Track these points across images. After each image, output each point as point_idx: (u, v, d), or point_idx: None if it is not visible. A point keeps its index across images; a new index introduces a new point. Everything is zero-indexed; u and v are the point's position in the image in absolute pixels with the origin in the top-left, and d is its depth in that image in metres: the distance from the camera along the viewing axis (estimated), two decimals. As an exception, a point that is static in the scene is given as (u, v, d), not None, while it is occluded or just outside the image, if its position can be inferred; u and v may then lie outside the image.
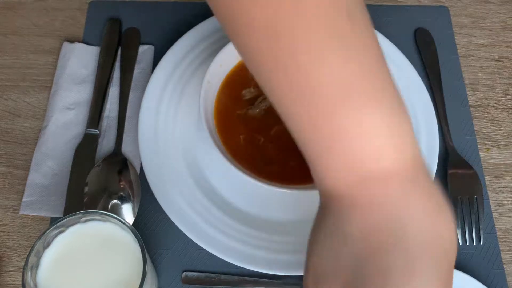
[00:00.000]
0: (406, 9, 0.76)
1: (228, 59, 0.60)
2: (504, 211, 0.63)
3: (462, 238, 0.60)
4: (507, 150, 0.66)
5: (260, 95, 0.60)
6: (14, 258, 0.58)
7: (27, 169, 0.62)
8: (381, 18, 0.74)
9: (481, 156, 0.65)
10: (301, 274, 0.55)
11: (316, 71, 0.32)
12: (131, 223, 0.58)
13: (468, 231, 0.60)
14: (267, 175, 0.55)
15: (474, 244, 0.60)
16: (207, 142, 0.54)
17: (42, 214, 0.60)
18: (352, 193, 0.33)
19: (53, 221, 0.59)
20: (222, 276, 0.57)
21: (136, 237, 0.46)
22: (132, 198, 0.59)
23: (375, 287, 0.31)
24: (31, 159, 0.62)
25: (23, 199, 0.60)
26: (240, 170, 0.53)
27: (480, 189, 0.61)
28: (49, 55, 0.70)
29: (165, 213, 0.57)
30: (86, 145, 0.63)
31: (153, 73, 0.65)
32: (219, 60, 0.58)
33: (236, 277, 0.57)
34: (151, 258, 0.57)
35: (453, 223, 0.35)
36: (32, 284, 0.45)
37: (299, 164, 0.56)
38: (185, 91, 0.65)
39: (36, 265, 0.46)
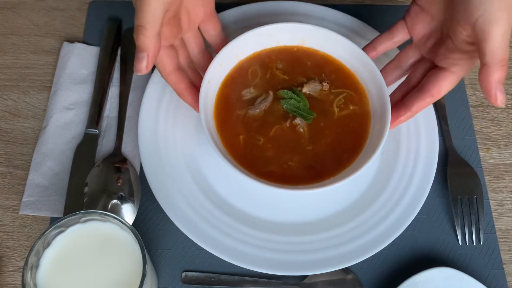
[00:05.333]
0: (406, 9, 0.76)
1: (228, 59, 0.60)
2: (504, 211, 0.63)
3: (462, 238, 0.60)
4: (507, 150, 0.66)
5: (260, 95, 0.60)
6: (14, 258, 0.58)
7: (27, 169, 0.62)
8: (381, 18, 0.74)
9: (481, 156, 0.65)
10: (301, 274, 0.56)
11: None
12: (131, 223, 0.58)
13: (468, 231, 0.60)
14: (267, 175, 0.55)
15: (474, 244, 0.60)
16: (207, 142, 0.54)
17: (42, 214, 0.60)
18: None
19: (53, 221, 0.59)
20: (222, 276, 0.57)
21: (136, 237, 0.46)
22: (132, 198, 0.59)
23: None
24: (31, 159, 0.62)
25: (23, 199, 0.60)
26: (240, 170, 0.53)
27: (480, 189, 0.61)
28: (49, 55, 0.70)
29: (165, 213, 0.57)
30: (86, 145, 0.63)
31: (153, 73, 0.65)
32: (219, 60, 0.58)
33: (236, 277, 0.57)
34: (151, 258, 0.57)
35: None
36: (32, 284, 0.45)
37: (298, 164, 0.56)
38: (185, 91, 0.65)
39: (36, 265, 0.46)
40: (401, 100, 0.56)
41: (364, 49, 0.60)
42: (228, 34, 0.66)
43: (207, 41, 0.60)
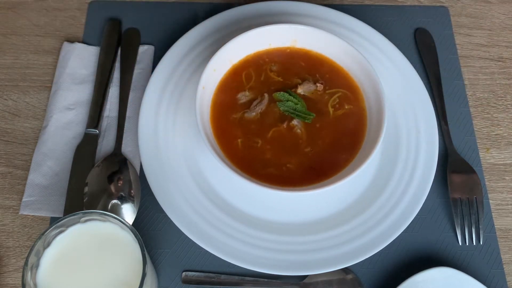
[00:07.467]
0: (406, 9, 0.76)
1: (221, 63, 0.59)
2: (504, 211, 0.63)
3: (462, 238, 0.60)
4: (506, 150, 0.66)
5: (255, 98, 0.60)
6: (14, 258, 0.58)
7: (27, 169, 0.62)
8: (381, 18, 0.74)
9: (481, 156, 0.65)
10: (301, 274, 0.56)
11: None
12: (131, 223, 0.58)
13: (468, 231, 0.60)
14: (266, 178, 0.55)
15: (474, 244, 0.60)
16: (205, 146, 0.54)
17: (42, 214, 0.60)
18: None
19: (53, 221, 0.59)
20: (222, 276, 0.57)
21: (136, 237, 0.46)
22: (132, 198, 0.59)
23: None
24: (31, 159, 0.62)
25: (23, 199, 0.60)
26: (239, 174, 0.53)
27: (480, 189, 0.61)
28: (49, 55, 0.70)
29: (165, 213, 0.57)
30: (86, 145, 0.63)
31: (153, 73, 0.65)
32: (212, 65, 0.57)
33: (236, 277, 0.57)
34: (151, 258, 0.57)
35: None
36: (32, 284, 0.45)
37: (297, 165, 0.56)
38: (185, 91, 0.65)
39: (36, 265, 0.46)
40: None
41: None
42: (221, 38, 0.66)
43: None
